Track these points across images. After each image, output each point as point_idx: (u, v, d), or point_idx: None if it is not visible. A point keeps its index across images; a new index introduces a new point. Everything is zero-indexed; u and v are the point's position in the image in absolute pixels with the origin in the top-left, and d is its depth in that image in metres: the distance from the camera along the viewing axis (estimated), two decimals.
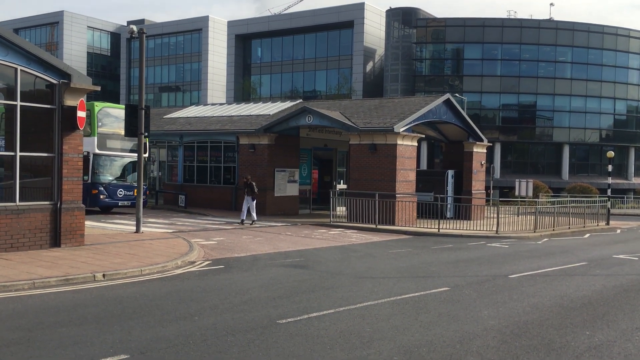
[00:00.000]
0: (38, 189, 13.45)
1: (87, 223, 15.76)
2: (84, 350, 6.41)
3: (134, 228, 17.45)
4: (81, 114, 13.43)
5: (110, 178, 24.15)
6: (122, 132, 23.58)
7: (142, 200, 17.66)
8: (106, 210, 25.26)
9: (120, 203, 24.32)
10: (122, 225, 19.40)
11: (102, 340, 6.78)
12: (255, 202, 22.11)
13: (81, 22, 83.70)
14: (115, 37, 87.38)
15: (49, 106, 13.30)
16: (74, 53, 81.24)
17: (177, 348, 6.57)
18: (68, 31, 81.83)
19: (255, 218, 21.85)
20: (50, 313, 8.05)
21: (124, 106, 26.91)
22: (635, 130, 65.88)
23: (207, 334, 7.13)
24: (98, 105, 24.22)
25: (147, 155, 25.34)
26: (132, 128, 17.73)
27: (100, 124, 23.91)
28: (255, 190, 22.02)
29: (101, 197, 23.62)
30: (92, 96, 41.22)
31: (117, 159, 24.46)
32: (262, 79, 72.56)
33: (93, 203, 23.64)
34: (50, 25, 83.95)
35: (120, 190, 24.22)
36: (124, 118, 24.89)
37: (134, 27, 17.88)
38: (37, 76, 13.00)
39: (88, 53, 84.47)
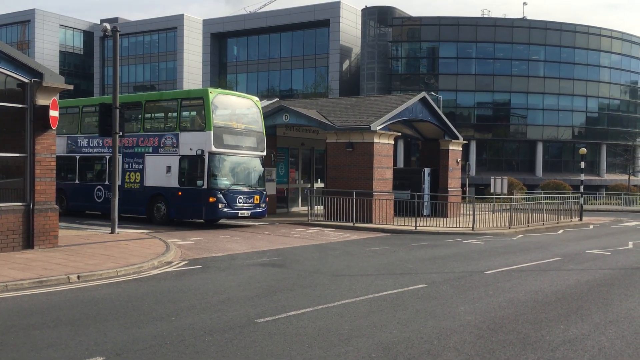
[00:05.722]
0: (10, 189, 13.20)
1: (61, 224, 15.51)
2: (58, 353, 6.31)
3: (109, 229, 17.21)
4: (54, 113, 13.21)
5: (228, 182, 19.69)
6: (237, 126, 20.72)
7: (116, 201, 17.32)
8: (213, 222, 21.05)
9: (239, 213, 19.89)
10: (98, 227, 19.13)
11: (77, 343, 6.68)
12: None
13: (53, 20, 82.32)
14: (88, 35, 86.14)
15: (20, 105, 13.06)
16: (46, 52, 79.90)
17: (154, 349, 6.51)
18: (40, 30, 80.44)
19: None
20: (23, 316, 7.91)
21: (240, 94, 22.98)
22: (607, 128, 67.08)
23: (184, 334, 7.08)
24: (213, 92, 19.79)
25: (264, 153, 21.45)
26: (106, 128, 17.47)
27: (214, 115, 19.45)
28: None
29: (220, 206, 19.17)
30: (65, 95, 40.56)
31: (236, 158, 20.10)
32: (239, 77, 72.24)
33: (211, 213, 19.34)
34: (21, 24, 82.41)
35: (240, 198, 19.81)
36: (241, 108, 21.71)
37: (107, 25, 17.62)
38: (7, 75, 12.75)
39: (61, 52, 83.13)
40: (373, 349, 6.68)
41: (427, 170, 28.85)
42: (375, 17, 64.83)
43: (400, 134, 27.49)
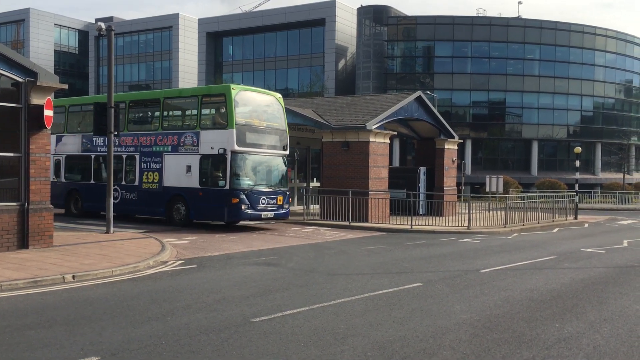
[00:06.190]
0: (4, 189, 13.15)
1: (56, 224, 15.46)
2: (53, 353, 6.30)
3: (105, 229, 17.16)
4: (48, 112, 13.17)
5: (251, 183, 19.04)
6: (260, 123, 19.87)
7: (112, 201, 17.26)
8: (234, 223, 20.42)
9: (263, 215, 19.23)
10: (93, 227, 19.09)
11: (72, 342, 6.66)
12: None
13: (48, 19, 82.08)
14: (83, 35, 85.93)
15: (14, 105, 13.01)
16: (41, 51, 79.65)
17: (149, 348, 6.50)
18: (34, 29, 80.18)
19: None
20: (18, 316, 7.89)
21: (263, 90, 22.12)
22: (602, 126, 67.29)
23: (179, 334, 7.07)
24: (235, 89, 19.08)
25: (286, 152, 20.79)
26: (101, 127, 17.42)
27: (237, 112, 18.72)
28: None
29: (243, 207, 18.46)
30: (60, 94, 40.48)
31: (258, 157, 19.41)
32: (234, 77, 72.17)
33: (233, 215, 18.70)
34: (16, 23, 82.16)
35: (263, 199, 19.15)
36: (263, 104, 20.67)
37: (102, 25, 17.57)
38: (1, 74, 12.70)
39: (55, 51, 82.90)
40: (369, 347, 6.69)
41: (422, 169, 28.87)
42: (370, 16, 64.86)
43: (395, 133, 27.51)
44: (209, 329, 7.30)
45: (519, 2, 78.09)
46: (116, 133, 17.64)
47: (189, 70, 77.68)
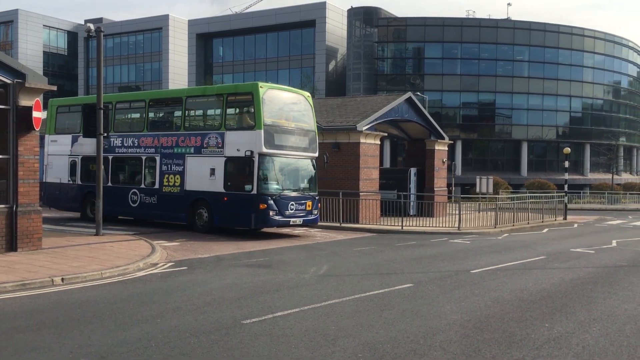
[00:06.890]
0: None
1: (45, 226, 15.36)
2: (42, 356, 6.25)
3: (94, 231, 17.05)
4: (37, 114, 13.08)
5: (279, 187, 17.95)
6: (288, 124, 18.84)
7: (101, 202, 17.16)
8: (259, 230, 19.33)
9: (291, 221, 18.26)
10: (82, 228, 18.97)
11: (61, 346, 6.62)
12: None
13: (37, 20, 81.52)
14: (72, 36, 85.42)
15: (2, 107, 12.91)
16: (30, 52, 79.11)
17: (138, 351, 6.46)
18: (23, 30, 79.61)
19: None
20: (6, 319, 7.82)
21: (292, 89, 20.95)
22: (591, 127, 67.71)
23: (169, 336, 7.03)
24: (263, 87, 17.83)
25: (316, 154, 19.65)
26: (90, 129, 17.33)
27: (265, 112, 17.58)
28: None
29: (270, 213, 17.42)
30: (49, 96, 40.17)
31: (287, 160, 18.38)
32: (225, 78, 72.00)
33: (261, 221, 17.62)
34: (4, 24, 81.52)
35: (292, 204, 18.09)
36: (292, 104, 19.63)
37: (91, 26, 17.48)
38: None
39: (44, 52, 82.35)
40: (359, 349, 6.69)
41: (413, 170, 28.95)
42: (360, 17, 64.95)
43: (386, 134, 27.58)
44: (199, 331, 7.27)
45: (508, 4, 78.46)
46: (105, 135, 17.54)
47: (179, 71, 77.43)
